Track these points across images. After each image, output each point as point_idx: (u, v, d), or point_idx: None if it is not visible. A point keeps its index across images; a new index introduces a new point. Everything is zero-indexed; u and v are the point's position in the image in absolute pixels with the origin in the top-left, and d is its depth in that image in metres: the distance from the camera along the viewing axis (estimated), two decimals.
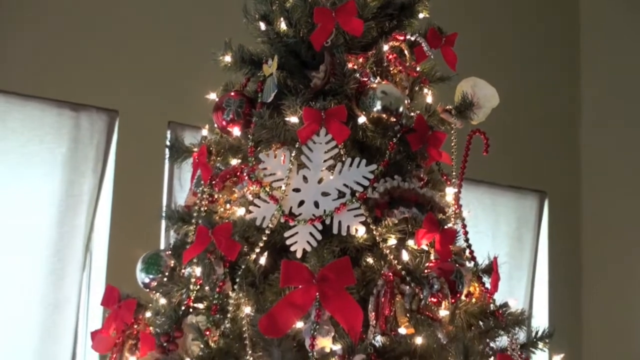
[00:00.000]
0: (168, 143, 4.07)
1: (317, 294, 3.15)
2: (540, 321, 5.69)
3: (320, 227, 3.36)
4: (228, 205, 3.60)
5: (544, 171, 6.68)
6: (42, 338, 5.13)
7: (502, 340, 3.49)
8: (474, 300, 3.53)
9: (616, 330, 6.27)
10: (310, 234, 3.36)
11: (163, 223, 4.41)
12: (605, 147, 6.74)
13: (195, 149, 3.82)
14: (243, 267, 3.37)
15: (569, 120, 6.86)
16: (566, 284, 6.47)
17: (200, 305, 3.44)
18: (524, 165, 6.53)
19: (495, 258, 3.73)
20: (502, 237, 6.51)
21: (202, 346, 3.27)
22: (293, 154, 3.47)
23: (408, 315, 3.29)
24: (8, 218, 5.25)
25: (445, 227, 3.52)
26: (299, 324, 3.20)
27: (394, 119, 3.55)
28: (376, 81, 3.64)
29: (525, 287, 6.36)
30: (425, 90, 3.85)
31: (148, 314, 3.59)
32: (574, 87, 6.93)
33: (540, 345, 3.58)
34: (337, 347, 3.19)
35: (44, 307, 5.17)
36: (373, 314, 3.25)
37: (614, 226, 6.50)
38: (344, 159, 3.45)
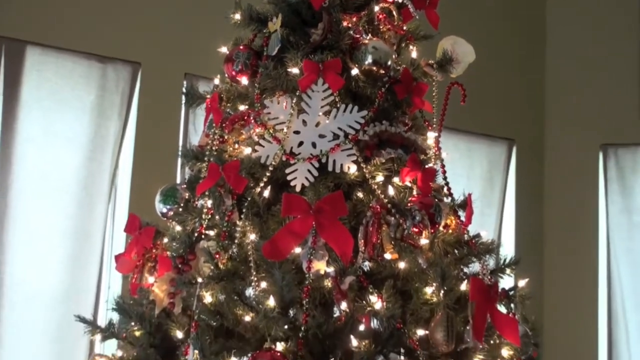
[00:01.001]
0: (184, 91, 4.06)
1: (314, 223, 3.15)
2: (508, 251, 5.70)
3: (317, 165, 3.36)
4: (236, 145, 3.59)
5: (512, 121, 6.67)
6: (73, 263, 5.13)
7: (475, 266, 3.50)
8: (450, 231, 3.53)
9: (573, 258, 6.28)
10: (308, 170, 3.35)
11: (179, 161, 4.41)
12: (566, 101, 6.72)
13: (208, 96, 3.81)
14: (249, 199, 3.36)
15: (535, 78, 6.83)
16: (530, 219, 6.48)
17: (211, 232, 3.44)
18: (495, 116, 6.52)
19: (470, 195, 3.74)
20: (476, 178, 6.51)
21: (212, 268, 3.27)
22: (294, 101, 3.46)
23: (393, 242, 3.29)
24: (43, 156, 5.23)
25: (426, 166, 3.53)
26: (297, 249, 3.20)
27: (383, 71, 3.55)
28: (368, 38, 3.65)
29: (495, 222, 6.37)
30: (411, 47, 3.85)
31: (165, 240, 3.59)
32: (541, 44, 6.90)
33: (508, 271, 3.58)
34: (331, 270, 3.21)
35: (75, 236, 5.17)
36: (362, 241, 3.25)
37: (572, 169, 6.50)
38: (338, 106, 3.45)
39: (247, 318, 3.18)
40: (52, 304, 5.00)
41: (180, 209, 3.65)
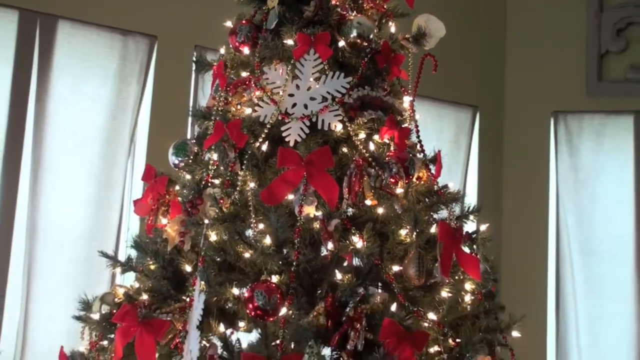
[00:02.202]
0: (194, 60, 4.04)
1: (305, 173, 3.15)
2: (471, 200, 5.69)
3: (308, 123, 3.35)
4: (239, 106, 3.57)
5: (477, 90, 6.63)
6: (97, 207, 5.12)
7: (443, 213, 3.49)
8: (422, 182, 3.52)
9: (527, 208, 6.30)
10: (301, 128, 3.35)
11: (189, 119, 4.41)
12: (523, 73, 6.68)
13: (215, 64, 3.79)
14: (249, 152, 3.35)
15: (497, 52, 6.80)
16: (491, 175, 6.48)
17: (216, 181, 3.43)
18: (462, 85, 6.47)
19: (439, 151, 3.72)
20: (444, 140, 6.48)
21: (217, 211, 3.26)
22: (289, 68, 3.45)
23: (372, 191, 3.29)
24: (72, 115, 5.21)
25: (402, 126, 3.52)
26: (290, 196, 3.19)
27: (366, 44, 3.52)
28: (353, 14, 3.61)
29: (461, 176, 6.36)
30: (390, 23, 3.81)
31: (177, 187, 3.57)
32: (502, 20, 6.85)
33: (471, 217, 3.57)
34: (319, 214, 3.20)
35: (99, 184, 5.15)
36: (346, 189, 3.24)
37: (527, 133, 6.48)
38: (327, 73, 3.43)
39: (247, 254, 3.18)
40: (79, 242, 5.01)
41: (190, 161, 3.64)
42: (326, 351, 3.03)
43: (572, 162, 6.33)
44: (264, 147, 3.39)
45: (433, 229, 3.33)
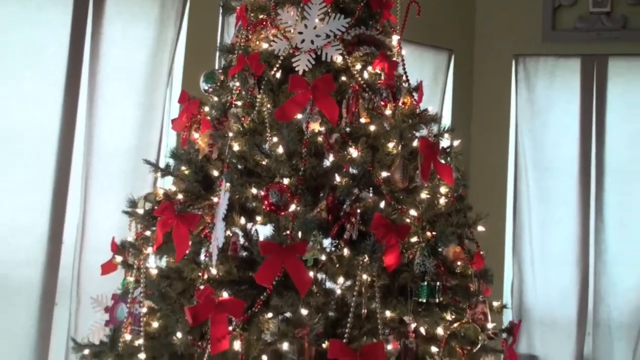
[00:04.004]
0: (221, 4, 3.97)
1: (311, 96, 3.12)
2: (446, 122, 5.67)
3: (314, 56, 3.32)
4: (257, 42, 3.52)
5: (452, 35, 6.52)
6: (142, 126, 5.07)
7: (423, 131, 3.46)
8: (407, 106, 3.49)
9: (491, 131, 6.25)
10: (308, 60, 3.31)
11: (217, 54, 4.35)
12: (490, 19, 6.57)
13: (238, 8, 3.72)
14: (265, 79, 3.32)
15: (469, 3, 6.68)
16: (462, 104, 6.41)
17: (239, 103, 3.39)
18: (440, 30, 6.34)
19: (421, 81, 3.69)
20: (425, 77, 6.25)
21: (239, 126, 3.24)
22: (298, 11, 3.39)
23: (366, 111, 3.27)
24: (121, 54, 5.12)
25: (391, 60, 3.48)
26: (299, 115, 3.17)
27: None
28: None
29: (438, 104, 6.28)
30: None
31: (206, 108, 3.54)
32: None
33: (446, 135, 3.55)
34: (322, 129, 3.18)
35: (143, 106, 5.10)
36: (345, 110, 3.22)
37: (493, 72, 6.42)
38: (330, 15, 3.37)
39: (263, 162, 3.17)
40: (128, 154, 4.97)
41: (217, 87, 3.60)
42: (327, 242, 3.04)
43: (528, 96, 6.28)
44: (278, 75, 3.35)
45: (415, 143, 3.30)
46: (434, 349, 3.09)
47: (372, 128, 3.26)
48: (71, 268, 4.69)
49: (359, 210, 3.02)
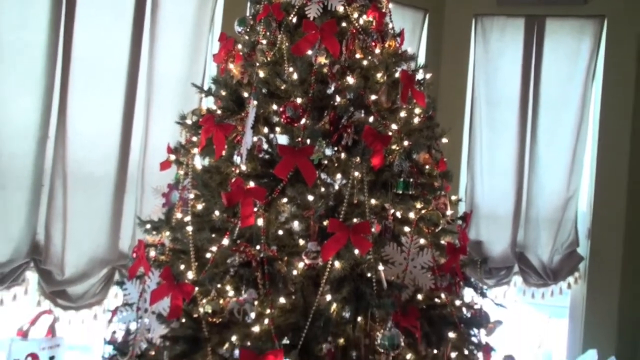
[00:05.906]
0: None
1: (319, 36, 3.08)
2: (421, 60, 5.51)
3: (322, 6, 3.25)
4: None
5: None
6: (190, 63, 4.88)
7: (403, 65, 3.38)
8: (391, 47, 3.41)
9: (455, 72, 6.12)
10: (317, 9, 3.24)
11: (248, 4, 4.24)
12: None
13: None
14: (284, 23, 3.25)
15: None
16: (434, 50, 6.25)
17: (264, 41, 3.32)
18: None
19: (403, 29, 3.60)
20: (405, 30, 6.23)
21: (264, 59, 3.20)
22: None
23: (360, 49, 3.21)
24: (176, 5, 4.92)
25: (381, 10, 3.39)
26: (310, 51, 3.11)
27: None
28: None
29: (415, 50, 6.08)
30: None
31: (239, 46, 3.47)
32: None
33: (420, 70, 3.45)
34: (327, 62, 3.14)
35: (190, 49, 4.88)
36: (344, 48, 3.17)
37: (458, 30, 6.23)
38: None
39: (282, 86, 3.13)
40: (180, 83, 4.84)
41: (248, 29, 3.52)
42: (328, 151, 3.02)
43: (484, 47, 6.15)
44: (294, 20, 3.28)
45: (397, 75, 3.25)
46: (406, 229, 3.10)
47: (365, 62, 3.21)
48: (137, 165, 4.68)
49: (353, 124, 2.99)
